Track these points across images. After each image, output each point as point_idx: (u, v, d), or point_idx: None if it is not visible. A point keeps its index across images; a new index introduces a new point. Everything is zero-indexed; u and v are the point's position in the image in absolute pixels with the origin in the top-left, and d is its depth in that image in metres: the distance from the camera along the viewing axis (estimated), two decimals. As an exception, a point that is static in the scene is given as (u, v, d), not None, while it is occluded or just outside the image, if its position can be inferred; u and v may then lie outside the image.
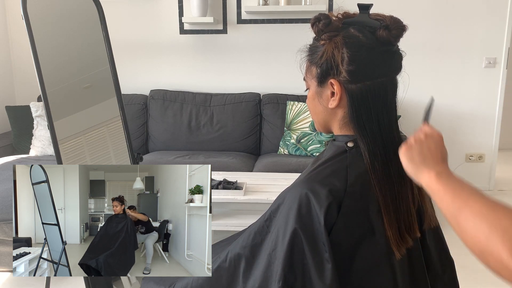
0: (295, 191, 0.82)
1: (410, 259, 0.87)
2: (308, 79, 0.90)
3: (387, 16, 0.82)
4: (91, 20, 1.78)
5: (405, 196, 0.84)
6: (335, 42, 0.81)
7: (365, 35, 0.81)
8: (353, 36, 0.81)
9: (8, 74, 3.65)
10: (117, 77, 1.83)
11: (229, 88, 3.56)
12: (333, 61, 0.81)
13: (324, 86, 0.85)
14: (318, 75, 0.85)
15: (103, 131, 1.79)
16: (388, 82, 0.83)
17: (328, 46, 0.82)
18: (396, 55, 0.84)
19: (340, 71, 0.81)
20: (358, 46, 0.80)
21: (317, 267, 0.77)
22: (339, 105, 0.84)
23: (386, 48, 0.82)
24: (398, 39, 0.82)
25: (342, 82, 0.82)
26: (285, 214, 0.82)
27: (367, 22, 0.82)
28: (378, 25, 0.81)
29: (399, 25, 0.81)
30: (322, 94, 0.86)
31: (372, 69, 0.81)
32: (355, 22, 0.82)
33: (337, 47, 0.81)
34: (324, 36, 0.82)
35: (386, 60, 0.82)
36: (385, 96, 0.83)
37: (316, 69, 0.85)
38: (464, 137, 3.55)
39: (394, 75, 0.84)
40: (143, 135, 3.45)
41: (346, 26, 0.82)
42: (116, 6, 3.47)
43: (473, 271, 2.37)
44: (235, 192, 2.28)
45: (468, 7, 3.34)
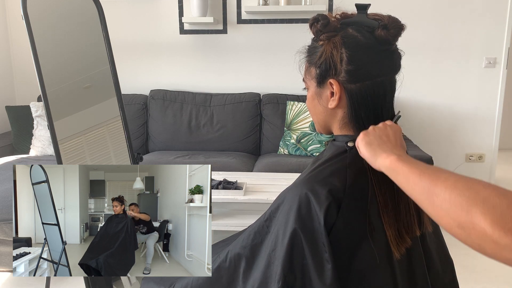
0: (295, 191, 0.82)
1: (410, 259, 0.87)
2: (307, 80, 0.90)
3: (385, 16, 0.83)
4: (91, 20, 1.78)
5: (404, 196, 0.84)
6: (334, 42, 0.81)
7: (364, 34, 0.81)
8: (351, 36, 0.81)
9: (8, 74, 3.65)
10: (117, 77, 1.83)
11: (229, 88, 3.56)
12: (332, 61, 0.82)
13: (324, 86, 0.85)
14: (317, 75, 0.85)
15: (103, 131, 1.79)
16: (387, 81, 0.84)
17: (327, 46, 0.82)
18: (395, 54, 0.84)
19: (339, 71, 0.81)
20: (357, 45, 0.80)
21: (317, 267, 0.77)
22: (338, 105, 0.84)
23: (385, 48, 0.82)
24: (396, 38, 0.82)
25: (341, 82, 0.82)
26: (285, 214, 0.82)
27: (365, 22, 0.82)
28: (376, 25, 0.81)
29: (397, 24, 0.81)
30: (321, 95, 0.87)
31: (371, 69, 0.81)
32: (353, 22, 0.82)
33: (335, 47, 0.81)
34: (322, 37, 0.83)
35: (385, 59, 0.82)
36: (384, 95, 0.83)
37: (315, 69, 0.85)
38: (464, 137, 3.55)
39: (393, 74, 0.85)
40: (143, 135, 3.45)
41: (345, 27, 0.82)
42: (116, 6, 3.47)
43: (473, 271, 2.37)
44: (235, 192, 2.28)
45: (468, 7, 3.34)
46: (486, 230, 0.51)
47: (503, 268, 2.39)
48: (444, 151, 3.57)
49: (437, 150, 3.50)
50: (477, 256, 2.50)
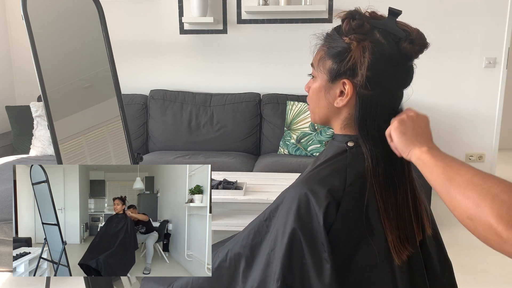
0: (295, 191, 0.82)
1: (409, 260, 0.87)
2: (318, 69, 0.87)
3: (414, 29, 0.82)
4: (91, 20, 1.78)
5: (406, 204, 0.84)
6: (363, 46, 0.79)
7: (390, 43, 0.80)
8: (378, 43, 0.79)
9: (8, 74, 3.65)
10: (117, 77, 1.83)
11: (229, 88, 3.56)
12: (353, 63, 0.80)
13: (335, 83, 0.84)
14: (332, 71, 0.83)
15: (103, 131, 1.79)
16: (398, 93, 0.84)
17: (356, 50, 0.80)
18: (411, 70, 0.84)
19: (357, 74, 0.80)
20: (381, 54, 0.79)
21: (316, 267, 0.77)
22: (345, 106, 0.84)
23: (405, 62, 0.81)
24: (418, 55, 0.82)
25: (355, 85, 0.81)
26: (284, 214, 0.82)
27: (394, 30, 0.81)
28: (404, 36, 0.80)
29: (423, 41, 0.81)
30: (330, 90, 0.85)
31: (388, 80, 0.81)
32: (381, 25, 0.81)
33: (363, 52, 0.79)
34: (352, 37, 0.80)
35: (402, 73, 0.82)
36: (393, 106, 0.84)
37: (331, 63, 0.83)
38: (464, 137, 3.55)
39: (404, 88, 0.85)
40: (143, 135, 3.45)
41: (372, 28, 0.81)
42: (116, 6, 3.47)
43: (473, 271, 2.37)
44: (235, 192, 2.28)
45: (468, 7, 3.34)
46: (491, 223, 0.56)
47: (503, 268, 2.39)
48: (444, 151, 3.56)
49: (437, 150, 3.50)
50: (477, 256, 2.50)
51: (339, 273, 0.78)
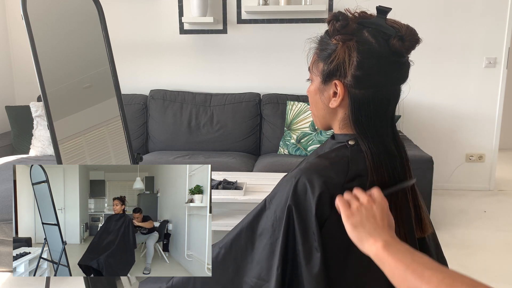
0: (291, 181, 0.83)
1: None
2: (313, 73, 0.89)
3: (404, 25, 0.81)
4: (91, 20, 1.78)
5: (406, 203, 0.84)
6: (348, 46, 0.79)
7: (378, 41, 0.79)
8: (366, 42, 0.79)
9: (8, 74, 3.65)
10: (117, 77, 1.83)
11: (229, 88, 3.56)
12: (341, 63, 0.80)
13: (328, 84, 0.84)
14: (324, 72, 0.84)
15: (103, 131, 1.79)
16: (392, 91, 0.83)
17: (340, 50, 0.80)
18: (405, 66, 0.83)
19: (346, 74, 0.80)
20: (369, 53, 0.79)
21: (305, 254, 0.77)
22: (340, 106, 0.84)
23: (396, 59, 0.80)
24: (410, 51, 0.81)
25: (346, 85, 0.82)
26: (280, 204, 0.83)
27: (383, 27, 0.80)
28: (393, 33, 0.79)
29: (413, 37, 0.80)
30: (324, 92, 0.86)
31: (379, 78, 0.80)
32: (370, 24, 0.81)
33: (349, 51, 0.79)
34: (338, 37, 0.81)
35: (394, 70, 0.81)
36: (388, 105, 0.83)
37: (323, 66, 0.84)
38: (464, 137, 3.55)
39: (399, 84, 0.84)
40: (143, 135, 3.45)
41: (361, 28, 0.81)
42: (116, 6, 3.47)
43: (473, 271, 2.37)
44: (235, 192, 2.28)
45: (468, 7, 3.34)
46: None
47: (503, 268, 2.39)
48: (444, 151, 3.57)
49: (437, 150, 3.50)
50: (477, 256, 2.50)
51: (336, 268, 0.78)
